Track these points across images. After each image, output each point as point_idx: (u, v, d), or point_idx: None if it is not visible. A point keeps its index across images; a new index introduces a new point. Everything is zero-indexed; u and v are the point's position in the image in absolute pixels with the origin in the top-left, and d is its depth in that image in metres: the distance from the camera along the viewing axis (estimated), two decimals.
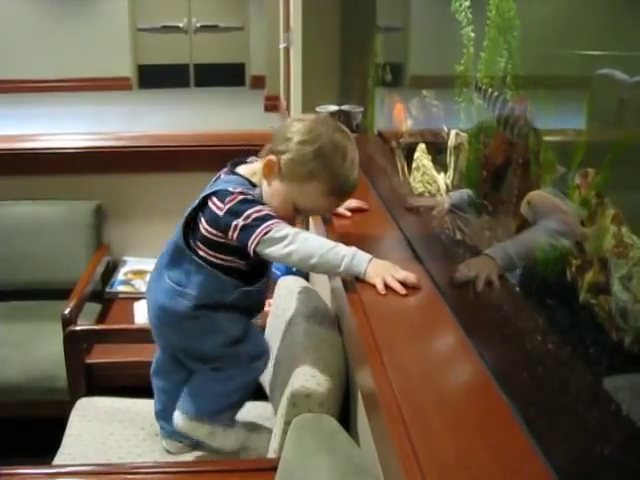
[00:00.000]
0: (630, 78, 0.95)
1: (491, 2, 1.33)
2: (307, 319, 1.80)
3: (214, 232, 1.62)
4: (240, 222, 1.54)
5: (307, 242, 1.52)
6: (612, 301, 0.92)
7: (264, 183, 1.64)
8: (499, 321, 1.14)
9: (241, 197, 1.56)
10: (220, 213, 1.57)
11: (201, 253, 1.65)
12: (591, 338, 0.95)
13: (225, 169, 1.71)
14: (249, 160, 1.72)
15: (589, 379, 0.93)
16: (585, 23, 1.11)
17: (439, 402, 1.08)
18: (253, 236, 1.53)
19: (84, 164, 3.03)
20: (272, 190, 1.61)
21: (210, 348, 1.74)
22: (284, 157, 1.58)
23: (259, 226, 1.53)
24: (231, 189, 1.58)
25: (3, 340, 2.70)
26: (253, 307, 1.79)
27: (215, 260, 1.65)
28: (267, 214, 1.55)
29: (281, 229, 1.52)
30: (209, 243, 1.64)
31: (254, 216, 1.54)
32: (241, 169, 1.69)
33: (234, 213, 1.56)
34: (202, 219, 1.63)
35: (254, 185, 1.64)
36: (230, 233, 1.56)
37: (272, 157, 1.60)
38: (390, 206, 1.90)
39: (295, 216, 1.66)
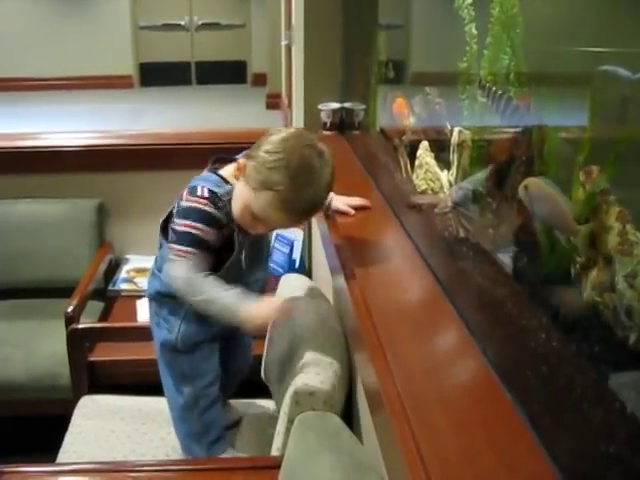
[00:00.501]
0: (633, 75, 0.95)
1: None
2: (310, 316, 1.80)
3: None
4: (179, 223, 1.62)
5: (198, 289, 1.60)
6: (617, 299, 0.92)
7: (235, 184, 1.65)
8: (503, 319, 1.13)
9: (200, 207, 1.61)
10: (182, 204, 1.64)
11: None
12: (595, 336, 0.95)
13: (208, 166, 1.74)
14: (237, 157, 1.73)
15: (593, 377, 0.93)
16: (588, 20, 1.11)
17: (443, 400, 1.07)
18: (173, 243, 1.63)
19: (86, 162, 3.03)
20: (237, 192, 1.63)
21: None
22: (250, 162, 1.58)
23: (178, 243, 1.62)
24: (199, 191, 1.63)
25: (6, 339, 2.70)
26: None
27: None
28: (192, 238, 1.60)
29: (182, 265, 1.60)
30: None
31: (186, 230, 1.61)
32: (224, 168, 1.71)
33: (183, 214, 1.63)
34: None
35: (227, 183, 1.66)
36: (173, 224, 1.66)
37: (243, 160, 1.62)
38: (393, 204, 1.90)
39: (254, 224, 1.63)
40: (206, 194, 1.62)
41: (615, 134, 1.01)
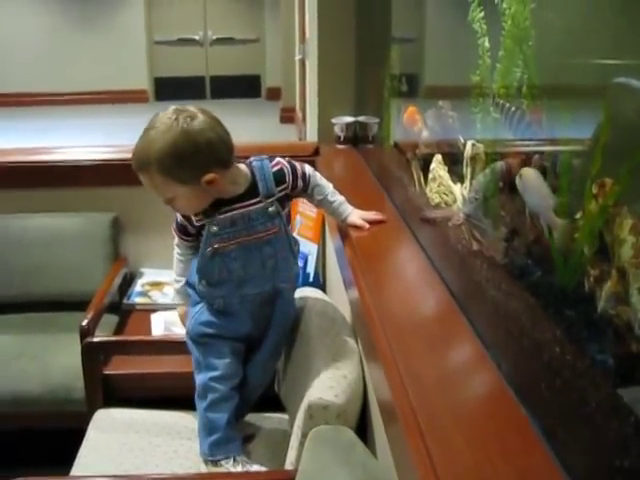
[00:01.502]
0: None
1: (507, 13, 1.33)
2: (324, 330, 1.80)
3: None
4: None
5: (174, 259, 1.91)
6: (631, 312, 0.91)
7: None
8: (517, 332, 1.13)
9: None
10: None
11: None
12: (610, 349, 0.95)
13: None
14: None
15: (608, 391, 0.92)
16: (600, 32, 1.11)
17: (457, 414, 1.07)
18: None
19: (101, 176, 3.04)
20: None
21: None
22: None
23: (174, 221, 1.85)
24: None
25: (21, 351, 2.71)
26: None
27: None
28: (175, 221, 1.84)
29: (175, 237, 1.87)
30: None
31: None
32: None
33: None
34: None
35: None
36: None
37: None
38: (407, 217, 1.90)
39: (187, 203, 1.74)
40: None
41: (629, 146, 1.01)
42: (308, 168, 1.85)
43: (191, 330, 1.88)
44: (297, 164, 1.83)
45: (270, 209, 1.76)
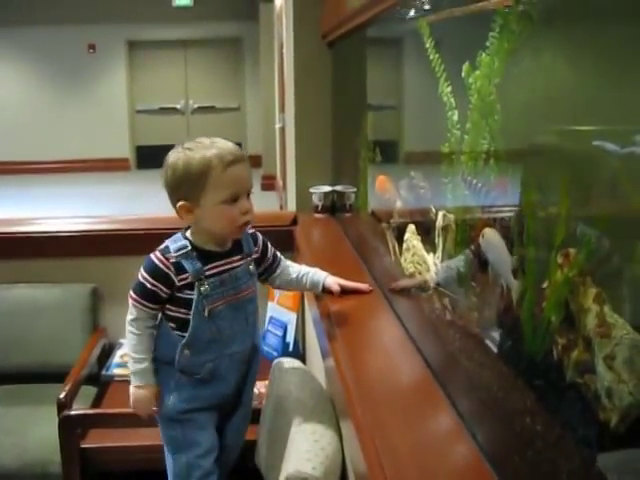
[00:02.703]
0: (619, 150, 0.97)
1: (473, 87, 1.38)
2: (302, 401, 1.79)
3: None
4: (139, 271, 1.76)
5: (128, 335, 1.82)
6: (597, 380, 0.93)
7: (193, 226, 1.76)
8: (490, 402, 1.14)
9: (151, 256, 1.74)
10: None
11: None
12: (579, 418, 0.96)
13: None
14: None
15: (579, 460, 0.93)
16: (561, 103, 1.14)
17: None
18: (130, 290, 1.78)
19: (80, 247, 3.05)
20: (202, 222, 1.72)
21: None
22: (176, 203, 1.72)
23: (133, 290, 1.78)
24: (162, 246, 1.76)
25: None
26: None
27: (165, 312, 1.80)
28: (141, 287, 1.75)
29: (132, 308, 1.79)
30: None
31: (139, 279, 1.75)
32: None
33: (144, 261, 1.76)
34: None
35: (186, 238, 1.76)
36: None
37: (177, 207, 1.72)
38: (383, 287, 1.91)
39: (231, 218, 1.69)
40: (161, 247, 1.75)
41: (590, 214, 1.04)
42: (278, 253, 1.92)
43: (170, 409, 1.81)
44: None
45: (251, 267, 1.81)
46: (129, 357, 1.82)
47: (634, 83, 0.90)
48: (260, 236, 1.87)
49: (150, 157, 12.23)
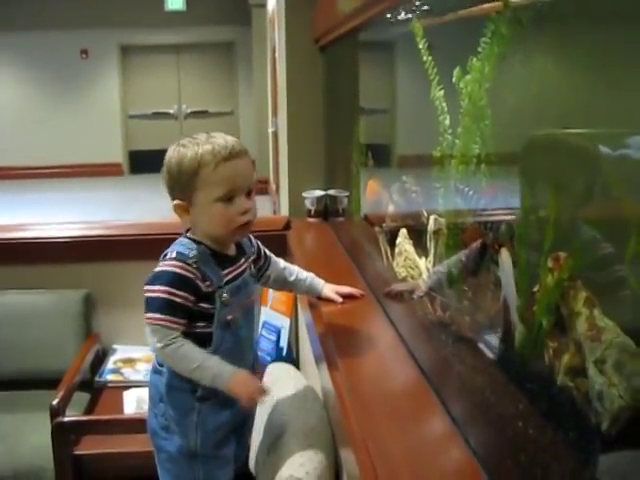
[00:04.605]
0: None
1: (464, 92, 1.38)
2: (295, 406, 1.79)
3: None
4: (147, 289, 1.58)
5: (171, 362, 1.58)
6: (588, 384, 0.93)
7: (196, 227, 1.65)
8: (483, 407, 1.14)
9: (167, 269, 1.58)
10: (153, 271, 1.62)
11: None
12: (570, 422, 0.96)
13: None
14: None
15: (571, 464, 0.93)
16: (551, 108, 1.14)
17: None
18: (146, 312, 1.57)
19: (73, 253, 3.04)
20: (197, 222, 1.62)
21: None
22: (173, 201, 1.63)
23: (148, 310, 1.57)
24: (168, 255, 1.61)
25: None
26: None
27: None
28: (161, 303, 1.55)
29: (160, 332, 1.55)
30: None
31: (159, 297, 1.56)
32: None
33: (151, 279, 1.59)
34: None
35: (197, 243, 1.63)
36: None
37: (173, 205, 1.63)
38: (376, 291, 1.91)
39: (227, 220, 1.59)
40: (174, 256, 1.59)
41: (580, 217, 1.04)
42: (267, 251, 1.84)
43: (198, 447, 1.64)
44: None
45: (252, 269, 1.73)
46: (196, 379, 1.58)
47: (625, 86, 0.90)
48: (253, 238, 1.79)
49: (143, 162, 12.24)
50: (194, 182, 1.56)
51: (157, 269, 1.60)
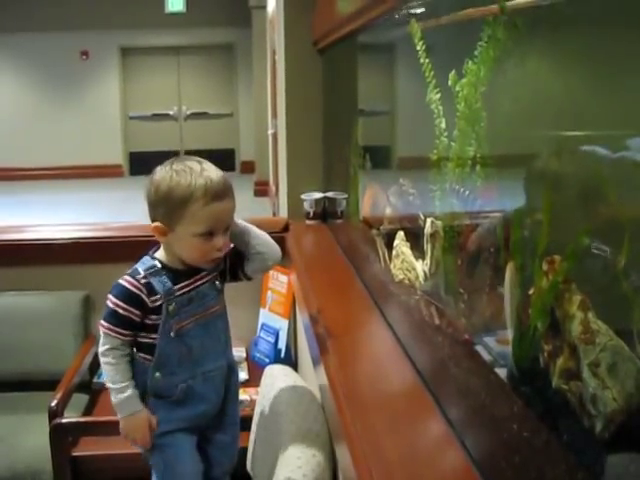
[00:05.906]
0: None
1: (459, 95, 1.38)
2: (293, 408, 1.79)
3: None
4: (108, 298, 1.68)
5: (105, 367, 1.70)
6: (583, 387, 0.93)
7: (163, 245, 1.71)
8: (478, 409, 1.14)
9: (120, 282, 1.67)
10: None
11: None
12: (565, 425, 0.96)
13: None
14: None
15: (566, 466, 0.93)
16: (545, 110, 1.14)
17: None
18: (101, 319, 1.69)
19: (72, 255, 3.05)
20: (174, 245, 1.67)
21: None
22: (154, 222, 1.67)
23: (104, 319, 1.68)
24: (129, 270, 1.70)
25: None
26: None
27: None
28: (113, 314, 1.66)
29: (104, 338, 1.68)
30: None
31: (109, 307, 1.67)
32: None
33: (111, 287, 1.69)
34: None
35: (154, 259, 1.70)
36: None
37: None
38: (374, 294, 1.92)
39: (204, 248, 1.64)
40: (130, 271, 1.69)
41: (574, 221, 1.04)
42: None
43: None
44: None
45: (217, 282, 1.76)
46: (110, 389, 1.71)
47: (620, 89, 0.91)
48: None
49: (143, 163, 12.18)
50: (181, 213, 1.61)
51: (117, 283, 1.69)
